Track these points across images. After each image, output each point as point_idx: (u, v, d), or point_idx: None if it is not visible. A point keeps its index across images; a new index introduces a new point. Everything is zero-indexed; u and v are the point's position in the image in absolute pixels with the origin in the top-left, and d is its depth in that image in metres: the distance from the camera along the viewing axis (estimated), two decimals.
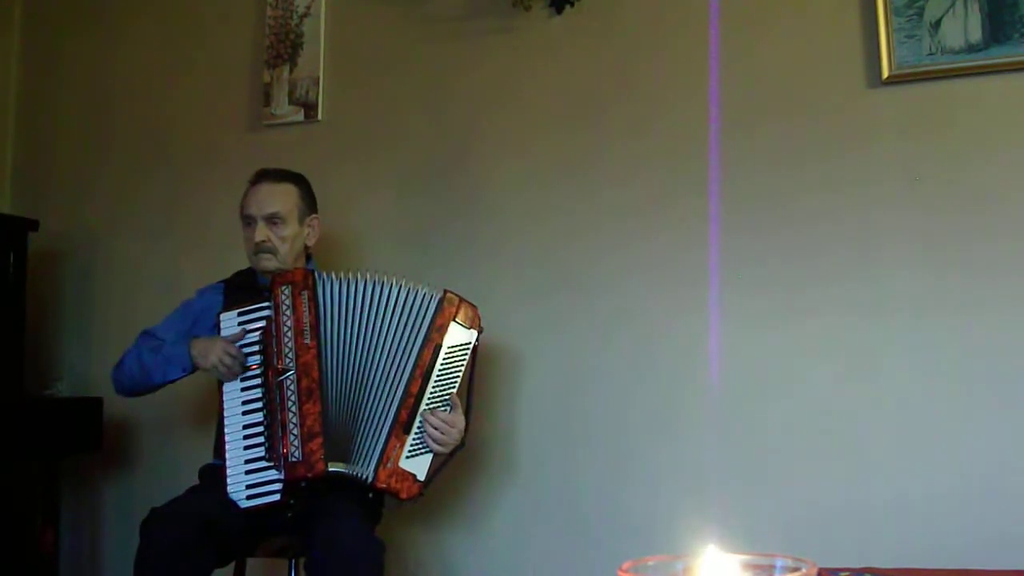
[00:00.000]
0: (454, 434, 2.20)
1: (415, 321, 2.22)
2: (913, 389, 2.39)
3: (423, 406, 2.17)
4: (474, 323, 2.25)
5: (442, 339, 2.20)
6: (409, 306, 2.22)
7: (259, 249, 2.35)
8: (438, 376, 2.20)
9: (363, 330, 2.20)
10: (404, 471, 2.14)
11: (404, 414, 2.16)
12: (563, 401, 2.71)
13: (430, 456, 2.18)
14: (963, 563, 2.05)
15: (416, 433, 2.17)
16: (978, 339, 2.34)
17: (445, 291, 2.25)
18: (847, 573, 1.73)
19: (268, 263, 2.35)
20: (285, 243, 2.36)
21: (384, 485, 2.13)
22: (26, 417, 2.78)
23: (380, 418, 2.16)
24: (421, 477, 2.16)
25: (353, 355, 2.19)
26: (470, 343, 2.24)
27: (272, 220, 2.35)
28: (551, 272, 2.75)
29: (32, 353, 3.12)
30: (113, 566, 3.11)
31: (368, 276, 2.24)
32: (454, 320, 2.22)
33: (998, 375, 2.32)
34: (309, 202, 2.45)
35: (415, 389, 2.17)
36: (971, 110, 2.41)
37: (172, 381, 2.34)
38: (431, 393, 2.19)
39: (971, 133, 2.40)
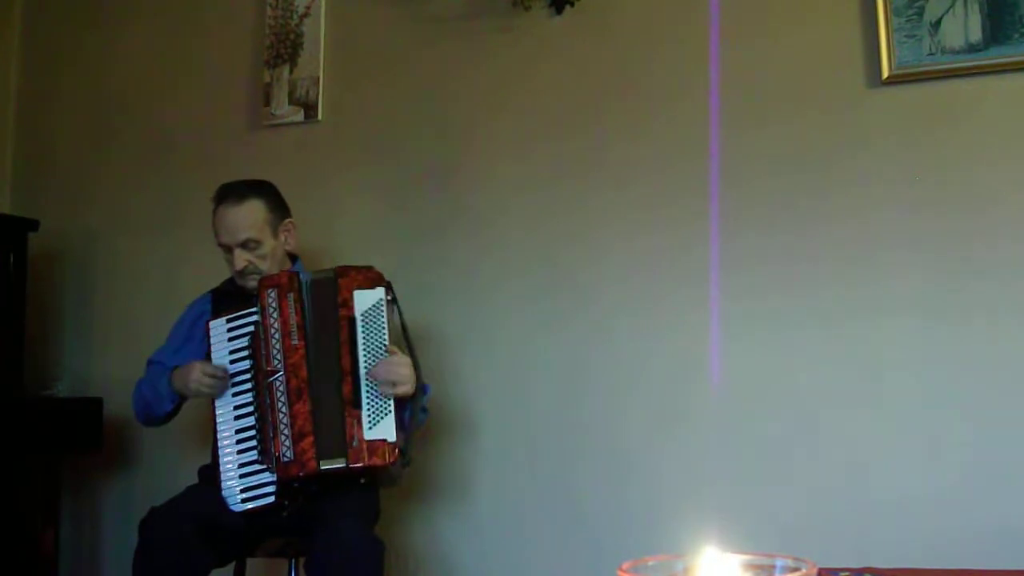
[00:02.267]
0: (403, 371, 2.17)
1: (325, 306, 2.22)
2: (913, 389, 2.39)
3: (362, 376, 2.16)
4: (376, 281, 2.25)
5: (351, 311, 2.21)
6: (324, 294, 2.23)
7: (243, 273, 2.35)
8: (364, 343, 2.19)
9: (319, 326, 2.22)
10: (371, 441, 2.11)
11: (347, 390, 2.15)
12: (563, 401, 2.70)
13: (392, 417, 2.15)
14: (963, 563, 2.06)
15: (367, 403, 2.14)
16: (978, 340, 2.34)
17: (335, 268, 2.26)
18: (847, 573, 1.73)
19: (255, 282, 2.33)
20: (266, 260, 2.36)
21: (359, 463, 2.10)
22: (26, 417, 2.78)
23: (332, 405, 2.15)
24: (392, 439, 2.13)
25: (325, 352, 2.20)
26: (381, 300, 2.23)
27: (246, 245, 2.34)
28: (551, 273, 2.75)
29: (32, 353, 3.12)
30: (113, 566, 3.10)
31: (318, 274, 2.27)
32: (356, 289, 2.22)
33: (998, 376, 2.32)
34: (279, 210, 2.43)
35: (347, 364, 2.16)
36: (971, 110, 2.41)
37: (171, 411, 2.37)
38: (364, 361, 2.17)
39: (971, 133, 2.40)
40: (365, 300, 2.22)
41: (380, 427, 2.13)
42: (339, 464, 2.11)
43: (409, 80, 2.96)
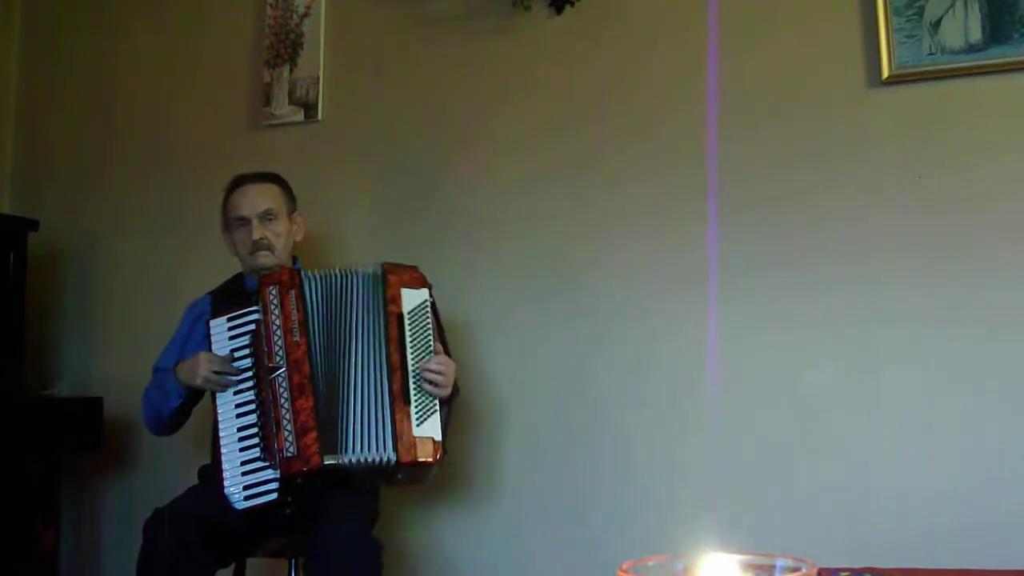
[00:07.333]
0: (451, 373, 2.24)
1: (372, 301, 2.26)
2: (912, 390, 2.39)
3: (411, 372, 2.20)
4: (421, 282, 2.30)
5: (400, 308, 2.24)
6: (363, 289, 2.27)
7: (257, 247, 2.38)
8: (411, 341, 2.23)
9: (340, 322, 2.24)
10: (420, 438, 2.15)
11: (397, 386, 2.18)
12: (564, 402, 2.70)
13: (438, 416, 2.19)
14: (963, 563, 2.06)
15: (416, 399, 2.18)
16: (978, 340, 2.34)
17: (382, 264, 2.29)
18: (847, 573, 1.73)
19: (267, 260, 2.39)
20: (280, 238, 2.42)
21: (409, 459, 2.13)
22: (26, 417, 2.78)
23: (377, 401, 2.18)
24: (438, 438, 2.17)
25: (336, 347, 2.22)
26: (426, 300, 2.28)
27: (266, 217, 2.41)
28: (550, 274, 2.75)
29: (32, 353, 3.12)
30: (113, 566, 3.11)
31: (338, 270, 2.29)
32: (403, 287, 2.26)
33: (997, 376, 2.32)
34: (292, 200, 2.52)
35: (397, 361, 2.20)
36: (971, 110, 2.41)
37: (179, 408, 2.36)
38: (412, 357, 2.21)
39: (971, 133, 2.40)
40: (412, 299, 2.27)
41: (427, 424, 2.17)
42: (369, 456, 2.12)
43: (409, 80, 2.96)
